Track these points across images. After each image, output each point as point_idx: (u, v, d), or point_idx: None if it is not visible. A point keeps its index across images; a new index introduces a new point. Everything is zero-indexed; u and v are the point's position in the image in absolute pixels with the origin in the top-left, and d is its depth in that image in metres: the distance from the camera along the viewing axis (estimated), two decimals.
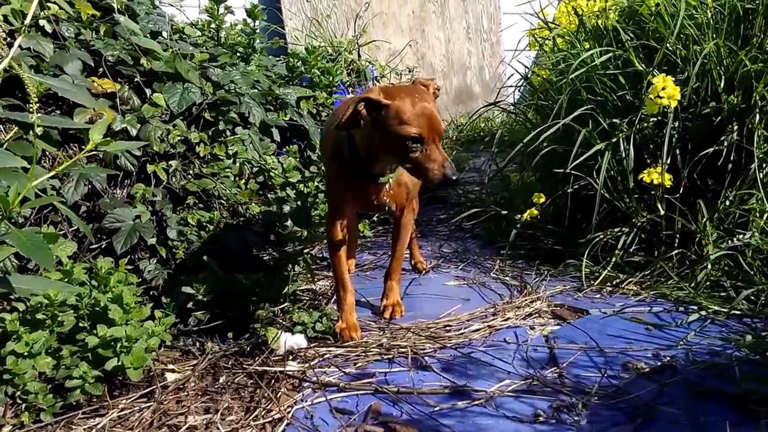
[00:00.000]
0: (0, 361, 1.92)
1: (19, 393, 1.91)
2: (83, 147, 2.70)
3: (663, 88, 2.51)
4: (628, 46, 2.91)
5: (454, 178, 2.03)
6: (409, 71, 5.89)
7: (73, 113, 2.66)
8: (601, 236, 2.87)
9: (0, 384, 1.91)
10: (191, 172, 3.07)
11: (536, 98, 3.73)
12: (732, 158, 2.68)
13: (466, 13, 8.65)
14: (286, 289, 2.69)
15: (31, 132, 2.24)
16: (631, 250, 2.83)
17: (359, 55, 5.68)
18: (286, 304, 2.62)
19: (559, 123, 2.97)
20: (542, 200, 3.13)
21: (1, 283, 2.04)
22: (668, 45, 2.81)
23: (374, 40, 6.25)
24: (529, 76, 4.14)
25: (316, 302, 2.77)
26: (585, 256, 2.84)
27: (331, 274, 2.76)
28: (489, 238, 3.71)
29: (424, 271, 3.20)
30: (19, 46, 2.58)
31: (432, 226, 4.15)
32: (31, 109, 2.02)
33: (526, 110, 4.03)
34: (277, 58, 4.77)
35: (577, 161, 2.82)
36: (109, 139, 2.18)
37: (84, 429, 1.88)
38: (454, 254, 3.51)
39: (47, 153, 2.59)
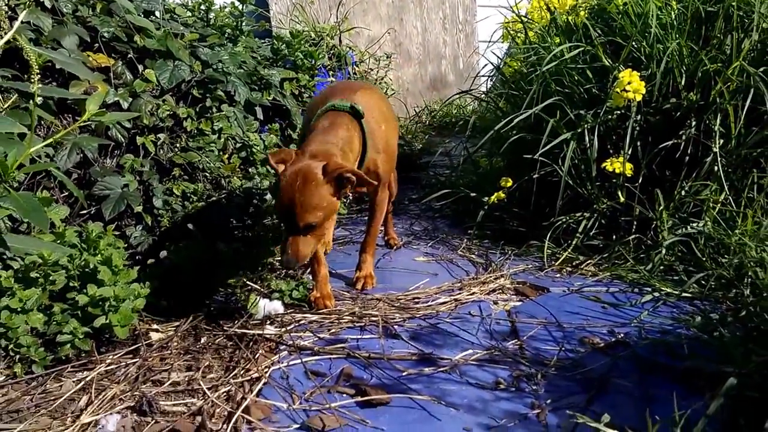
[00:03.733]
0: None
1: (11, 346, 1.92)
2: (77, 118, 2.69)
3: (629, 83, 2.54)
4: (597, 43, 2.93)
5: (286, 265, 2.07)
6: (387, 57, 5.87)
7: (69, 85, 2.64)
8: (564, 220, 2.91)
9: None
10: (178, 145, 3.06)
11: (508, 88, 3.74)
12: (689, 151, 2.72)
13: (443, 4, 8.62)
14: (264, 259, 2.69)
15: (30, 101, 2.22)
16: (591, 234, 2.86)
17: (340, 41, 5.65)
18: (264, 272, 2.62)
19: (528, 112, 2.99)
20: (509, 184, 3.16)
21: None
22: (634, 43, 2.84)
23: (355, 27, 6.22)
24: (501, 66, 4.16)
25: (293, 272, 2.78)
26: (547, 239, 2.88)
27: None
28: (457, 219, 3.73)
29: (396, 247, 3.23)
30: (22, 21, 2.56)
31: (404, 205, 4.16)
32: (31, 80, 2.03)
33: (497, 99, 4.04)
34: (262, 41, 4.73)
35: (545, 149, 2.85)
36: (104, 110, 2.18)
37: (73, 381, 1.89)
38: (424, 232, 3.53)
39: (42, 123, 2.57)
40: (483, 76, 4.52)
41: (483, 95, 4.36)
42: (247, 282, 2.48)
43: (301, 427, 1.61)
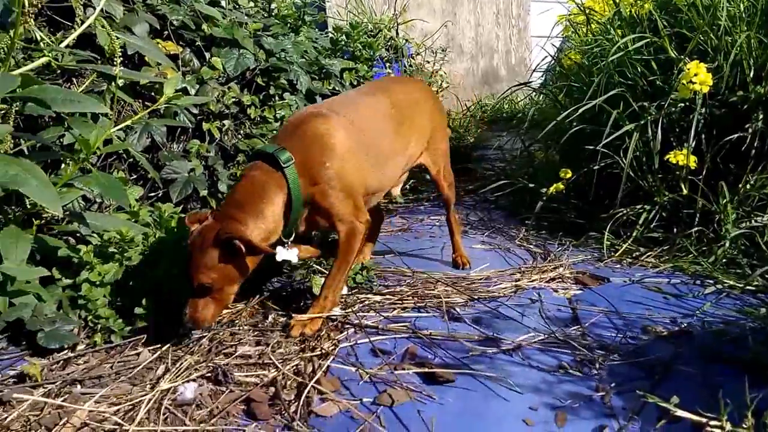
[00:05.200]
0: (75, 288, 2.04)
1: (90, 317, 2.03)
2: (147, 103, 2.79)
3: (695, 74, 2.53)
4: (663, 34, 2.92)
5: (186, 327, 2.01)
6: (443, 51, 5.88)
7: (140, 71, 2.74)
8: (624, 212, 2.91)
9: (75, 308, 2.04)
10: (242, 131, 3.16)
11: (569, 80, 3.74)
12: (755, 145, 2.69)
13: None
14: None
15: (112, 83, 2.32)
16: (651, 226, 2.85)
17: (397, 33, 5.68)
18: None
19: (592, 103, 2.99)
20: (569, 175, 3.17)
21: (79, 219, 2.14)
22: (701, 35, 2.82)
23: (412, 20, 6.24)
24: (560, 59, 4.16)
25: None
26: (607, 230, 2.88)
27: None
28: (513, 210, 3.76)
29: (462, 267, 2.79)
30: (92, 7, 2.67)
31: (459, 196, 4.19)
32: (113, 63, 2.12)
33: (556, 92, 4.04)
34: (320, 32, 4.80)
35: (607, 140, 2.85)
36: (180, 93, 2.27)
37: (149, 351, 1.97)
38: (480, 222, 3.57)
39: (113, 108, 2.67)
40: (539, 70, 4.52)
41: (542, 88, 4.35)
42: (312, 264, 2.55)
43: (373, 401, 1.66)
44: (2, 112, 2.26)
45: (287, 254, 2.17)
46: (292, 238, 2.14)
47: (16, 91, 1.81)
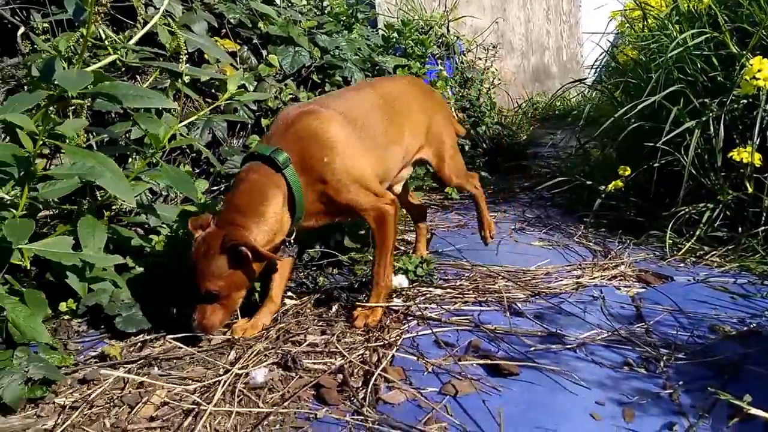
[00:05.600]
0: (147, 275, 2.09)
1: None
2: (207, 99, 2.86)
3: (759, 70, 2.48)
4: (724, 29, 2.87)
5: (196, 332, 1.97)
6: (494, 47, 5.87)
7: (200, 68, 2.81)
8: (686, 211, 2.87)
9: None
10: None
11: (626, 77, 3.70)
12: None
13: None
14: None
15: (178, 80, 2.38)
16: (715, 225, 2.81)
17: (448, 30, 5.69)
18: None
19: (651, 99, 2.95)
20: (628, 173, 3.14)
21: (150, 211, 2.21)
22: (762, 30, 2.77)
23: (462, 16, 6.24)
24: (615, 55, 4.12)
25: (409, 250, 2.88)
26: (669, 229, 2.85)
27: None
28: (570, 207, 3.74)
29: (488, 240, 2.83)
30: (154, 7, 2.74)
31: (514, 193, 4.21)
32: (179, 60, 2.18)
33: (612, 88, 4.00)
34: (371, 29, 4.84)
35: (668, 137, 2.82)
36: (242, 90, 2.32)
37: (221, 339, 2.04)
38: (537, 220, 3.57)
39: (176, 103, 2.74)
40: (593, 67, 4.48)
41: (597, 85, 4.32)
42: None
43: (438, 391, 1.68)
44: (73, 107, 2.35)
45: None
46: (293, 236, 2.15)
47: (88, 87, 1.88)
